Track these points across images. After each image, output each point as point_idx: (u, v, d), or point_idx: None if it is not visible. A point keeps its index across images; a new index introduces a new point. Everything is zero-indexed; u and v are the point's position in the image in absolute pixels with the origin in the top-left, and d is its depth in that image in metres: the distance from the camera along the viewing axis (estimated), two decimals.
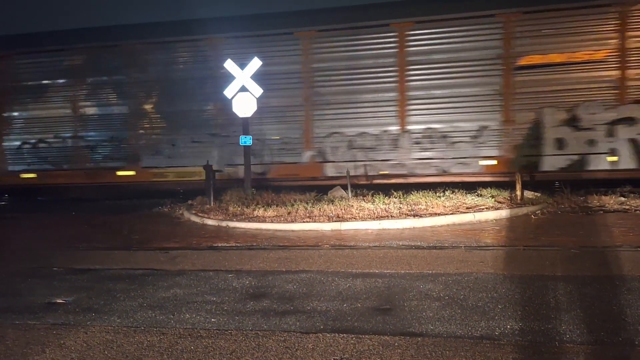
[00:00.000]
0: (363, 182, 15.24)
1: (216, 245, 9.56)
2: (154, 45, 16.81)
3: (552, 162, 14.14)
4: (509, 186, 12.72)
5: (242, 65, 13.77)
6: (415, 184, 14.19)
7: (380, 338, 4.57)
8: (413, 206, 11.47)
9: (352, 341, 4.52)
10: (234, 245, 9.47)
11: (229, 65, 13.78)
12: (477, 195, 12.31)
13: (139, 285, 6.81)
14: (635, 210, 11.06)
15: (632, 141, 13.72)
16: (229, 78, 13.99)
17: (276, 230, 10.71)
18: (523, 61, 14.40)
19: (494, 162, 14.57)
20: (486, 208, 11.27)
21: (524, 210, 11.31)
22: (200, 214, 12.67)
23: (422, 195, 12.20)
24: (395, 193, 12.56)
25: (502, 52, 14.58)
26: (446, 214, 10.85)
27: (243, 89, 13.73)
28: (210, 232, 11.03)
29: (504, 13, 14.45)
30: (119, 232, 11.66)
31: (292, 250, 8.74)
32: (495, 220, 10.70)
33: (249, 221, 11.45)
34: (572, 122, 14.08)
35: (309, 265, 7.53)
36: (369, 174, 15.32)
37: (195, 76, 16.51)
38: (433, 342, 4.43)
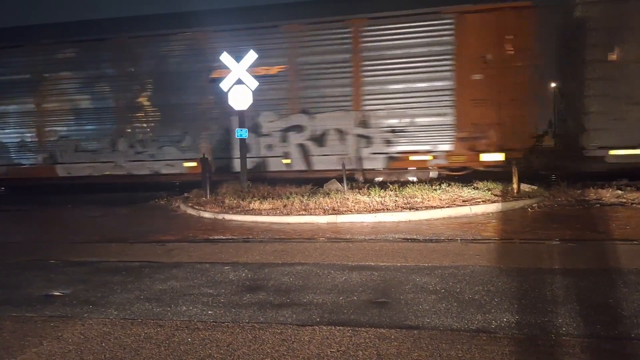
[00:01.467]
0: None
1: (212, 237, 9.56)
2: None
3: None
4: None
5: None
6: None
7: (377, 331, 4.58)
8: (409, 199, 11.47)
9: (348, 334, 4.53)
10: (230, 237, 9.46)
11: (225, 58, 13.71)
12: (474, 189, 12.31)
13: (136, 278, 6.81)
14: (632, 203, 11.07)
15: (301, 146, 15.56)
16: None
17: (272, 223, 10.71)
18: (215, 75, 15.73)
19: (194, 164, 16.03)
20: (482, 201, 11.28)
21: (520, 203, 11.33)
22: (197, 207, 12.66)
23: (418, 189, 12.20)
24: (391, 186, 12.56)
25: (200, 65, 16.15)
26: (442, 207, 10.85)
27: (239, 81, 13.67)
28: (207, 224, 11.02)
29: (196, 32, 16.28)
30: (115, 224, 11.65)
31: (288, 243, 8.74)
32: (492, 213, 10.72)
33: (245, 214, 11.45)
34: (255, 129, 15.76)
35: (305, 258, 7.54)
36: (93, 174, 16.96)
37: None
38: (429, 335, 4.44)
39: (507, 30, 14.15)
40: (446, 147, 14.68)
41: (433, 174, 15.01)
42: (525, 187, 12.44)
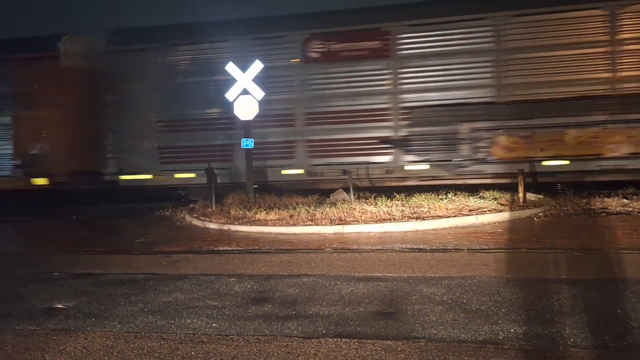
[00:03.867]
0: None
1: (218, 249, 9.52)
2: None
3: None
4: None
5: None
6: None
7: (383, 343, 4.53)
8: (415, 209, 11.41)
9: (354, 346, 4.49)
10: (235, 249, 9.43)
11: (231, 68, 13.71)
12: (480, 198, 12.24)
13: (140, 290, 6.78)
14: (638, 212, 10.99)
15: None
16: None
17: (278, 234, 10.67)
18: None
19: None
20: (489, 210, 11.21)
21: (526, 212, 11.26)
22: (202, 218, 12.62)
23: (425, 198, 12.14)
24: (397, 195, 12.52)
25: None
26: (449, 217, 10.79)
27: (245, 92, 13.65)
28: (212, 235, 10.99)
29: None
30: (120, 235, 11.64)
31: (295, 254, 8.70)
32: (498, 222, 10.65)
33: (251, 224, 11.41)
34: None
35: (312, 269, 7.50)
36: None
37: None
38: (436, 346, 4.40)
39: (49, 75, 16.38)
40: (6, 172, 17.19)
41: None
42: (531, 196, 12.37)
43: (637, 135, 13.53)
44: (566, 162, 14.01)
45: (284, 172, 15.61)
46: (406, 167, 14.84)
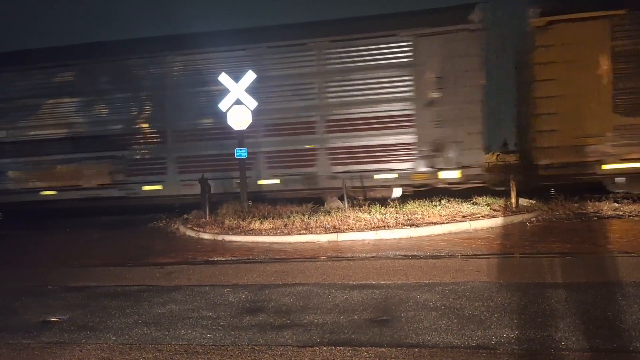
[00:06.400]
0: None
1: (212, 259, 9.53)
2: None
3: None
4: None
5: None
6: None
7: (377, 350, 4.56)
8: (409, 215, 11.46)
9: (348, 354, 4.52)
10: (230, 259, 9.44)
11: (224, 78, 13.74)
12: (473, 204, 12.32)
13: (135, 302, 6.78)
14: (629, 215, 11.08)
15: None
16: None
17: (272, 243, 10.69)
18: None
19: None
20: (482, 216, 11.28)
21: (519, 217, 11.33)
22: (196, 228, 12.64)
23: (419, 205, 12.20)
24: (391, 203, 12.57)
25: None
26: (442, 223, 10.85)
27: (238, 101, 13.68)
28: (206, 246, 10.99)
29: None
30: (114, 248, 11.62)
31: (289, 263, 8.72)
32: (491, 228, 10.71)
33: (245, 234, 11.43)
34: None
35: (306, 278, 7.52)
36: None
37: None
38: (430, 352, 4.43)
39: None
40: None
41: None
42: (523, 201, 12.45)
43: (105, 169, 16.17)
44: (54, 192, 16.58)
45: None
46: None
